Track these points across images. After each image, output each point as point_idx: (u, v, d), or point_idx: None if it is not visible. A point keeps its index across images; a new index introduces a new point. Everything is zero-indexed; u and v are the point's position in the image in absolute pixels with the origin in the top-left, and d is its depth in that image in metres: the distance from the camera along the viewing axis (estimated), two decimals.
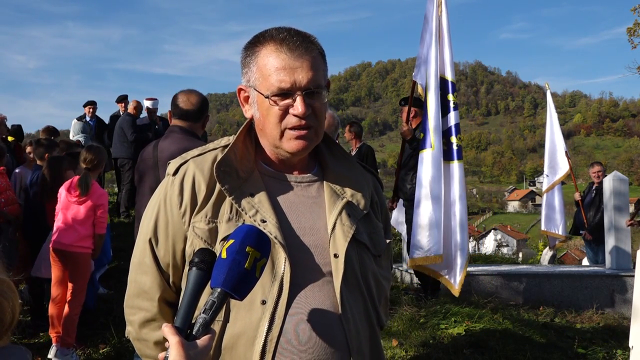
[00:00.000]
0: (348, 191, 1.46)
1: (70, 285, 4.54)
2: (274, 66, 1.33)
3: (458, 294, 5.09)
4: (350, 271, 1.36)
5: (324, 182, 1.47)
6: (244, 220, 1.34)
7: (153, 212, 1.43)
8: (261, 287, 1.28)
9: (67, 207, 4.58)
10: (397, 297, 5.71)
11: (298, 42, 1.33)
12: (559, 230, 9.13)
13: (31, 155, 6.29)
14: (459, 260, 5.09)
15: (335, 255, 1.35)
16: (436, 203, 5.09)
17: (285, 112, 1.34)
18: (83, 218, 4.54)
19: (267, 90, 1.33)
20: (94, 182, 4.66)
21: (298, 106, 1.32)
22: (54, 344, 4.48)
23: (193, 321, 1.12)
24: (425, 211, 5.11)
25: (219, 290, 1.12)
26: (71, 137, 10.14)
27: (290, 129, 1.34)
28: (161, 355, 1.10)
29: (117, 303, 5.66)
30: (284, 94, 1.32)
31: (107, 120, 10.78)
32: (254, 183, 1.39)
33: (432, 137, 5.13)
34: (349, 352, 1.32)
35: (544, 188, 9.38)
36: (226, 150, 1.41)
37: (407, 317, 5.08)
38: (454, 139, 5.25)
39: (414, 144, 5.71)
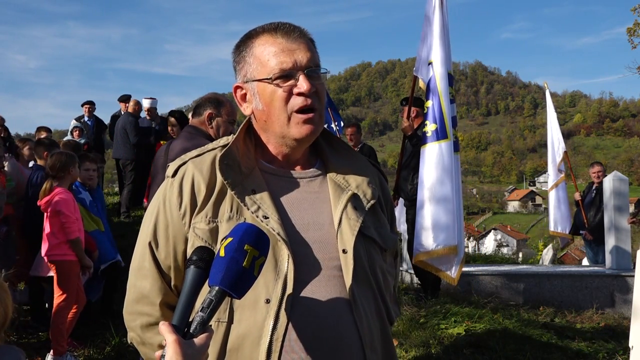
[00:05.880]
0: (353, 183, 1.44)
1: (55, 295, 4.44)
2: (272, 51, 1.34)
3: (457, 282, 5.22)
4: (360, 266, 1.34)
5: (328, 176, 1.45)
6: (245, 218, 1.32)
7: (152, 215, 1.42)
8: (264, 285, 1.27)
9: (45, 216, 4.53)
10: (397, 297, 5.70)
11: (291, 27, 1.36)
12: (567, 229, 9.18)
13: (25, 151, 6.26)
14: (460, 252, 5.24)
15: (344, 251, 1.34)
16: (450, 194, 5.15)
17: (289, 94, 1.33)
18: (49, 226, 4.43)
19: (269, 74, 1.33)
20: (58, 188, 4.46)
21: (303, 84, 1.31)
22: (50, 352, 4.44)
23: (190, 319, 1.11)
24: (438, 202, 5.15)
25: (216, 288, 1.11)
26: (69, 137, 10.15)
27: (297, 111, 1.33)
28: (158, 353, 1.09)
29: (117, 303, 5.66)
30: (287, 75, 1.33)
31: (107, 120, 10.81)
32: (255, 179, 1.38)
33: (448, 127, 5.19)
34: (362, 348, 1.30)
35: (550, 185, 9.42)
36: (228, 145, 1.40)
37: (407, 317, 5.08)
38: (455, 133, 5.37)
39: (414, 140, 5.74)
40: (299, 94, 1.32)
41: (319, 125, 1.38)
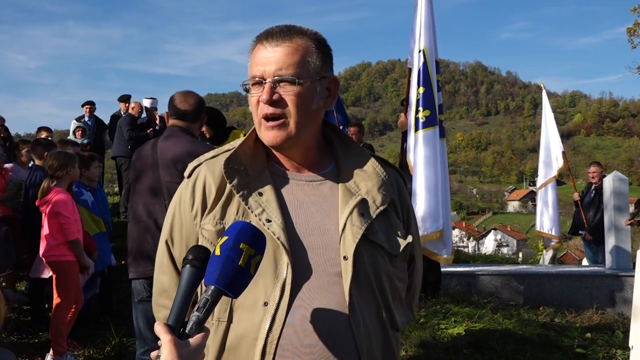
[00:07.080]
0: (363, 188, 1.42)
1: (54, 295, 4.43)
2: (254, 58, 1.37)
3: (451, 261, 5.52)
4: (362, 272, 1.34)
5: (339, 179, 1.44)
6: (250, 221, 1.32)
7: (170, 214, 1.48)
8: (264, 288, 1.29)
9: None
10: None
11: (278, 33, 1.36)
12: (552, 231, 9.16)
13: (23, 153, 6.25)
14: (449, 234, 5.47)
15: (345, 258, 1.33)
16: (436, 181, 5.32)
17: (258, 101, 1.36)
18: (47, 226, 4.41)
19: (247, 81, 1.38)
20: (56, 188, 4.44)
21: (263, 93, 1.33)
22: (49, 352, 4.44)
23: (186, 319, 1.11)
24: (427, 190, 5.30)
25: (212, 287, 1.10)
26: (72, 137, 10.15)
27: (264, 119, 1.35)
28: (153, 354, 1.09)
29: (117, 303, 5.66)
30: (257, 82, 1.35)
31: (107, 120, 10.81)
32: (262, 182, 1.39)
33: (438, 114, 5.37)
34: (358, 354, 1.30)
35: (538, 185, 9.46)
36: (234, 148, 1.41)
37: None
38: (441, 117, 5.53)
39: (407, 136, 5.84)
40: (263, 102, 1.34)
41: (289, 133, 1.35)
